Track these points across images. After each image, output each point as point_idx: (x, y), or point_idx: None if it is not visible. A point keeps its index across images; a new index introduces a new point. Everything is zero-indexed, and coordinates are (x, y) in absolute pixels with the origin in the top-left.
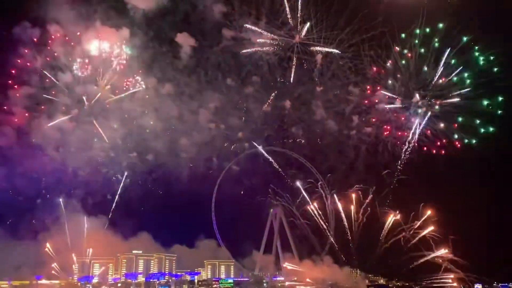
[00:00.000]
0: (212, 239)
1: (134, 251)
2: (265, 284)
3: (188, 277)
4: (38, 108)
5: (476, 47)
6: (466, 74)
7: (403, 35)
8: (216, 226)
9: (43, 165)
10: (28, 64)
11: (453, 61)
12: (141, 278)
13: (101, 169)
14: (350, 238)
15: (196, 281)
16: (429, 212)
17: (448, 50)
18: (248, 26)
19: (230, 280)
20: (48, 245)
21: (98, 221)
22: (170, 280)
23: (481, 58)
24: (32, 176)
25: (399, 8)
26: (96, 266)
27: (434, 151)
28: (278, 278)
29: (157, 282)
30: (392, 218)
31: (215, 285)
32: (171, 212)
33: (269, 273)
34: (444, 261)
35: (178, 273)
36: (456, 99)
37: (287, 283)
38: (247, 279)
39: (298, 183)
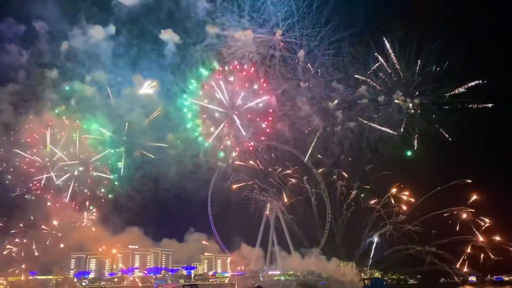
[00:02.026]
0: (201, 233)
1: (130, 246)
2: (261, 278)
3: (185, 272)
4: (25, 105)
5: None
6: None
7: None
8: (212, 221)
9: (31, 161)
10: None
11: None
12: (137, 273)
13: (89, 165)
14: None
15: (192, 275)
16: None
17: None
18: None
19: (227, 274)
20: None
21: (87, 216)
22: (166, 275)
23: None
24: (20, 172)
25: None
26: (92, 262)
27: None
28: (274, 272)
29: (154, 276)
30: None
31: (211, 279)
32: (159, 207)
33: (265, 267)
34: (428, 255)
35: (175, 268)
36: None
37: (283, 278)
38: (243, 273)
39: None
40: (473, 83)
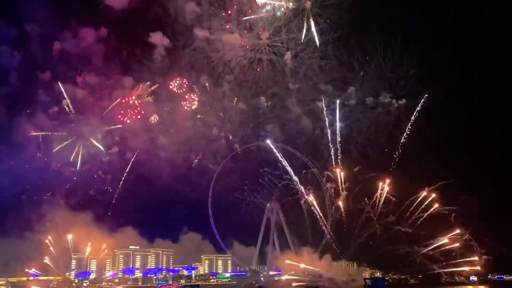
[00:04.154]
0: (195, 232)
1: (131, 246)
2: (262, 278)
3: (186, 272)
4: (18, 107)
5: None
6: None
7: None
8: (213, 222)
9: (26, 164)
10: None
11: None
12: (138, 274)
13: (83, 167)
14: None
15: (193, 276)
16: None
17: None
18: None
19: (228, 275)
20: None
21: (82, 217)
22: (167, 275)
23: None
24: (16, 174)
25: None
26: (93, 262)
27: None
28: (275, 272)
29: (155, 277)
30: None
31: (212, 280)
32: (152, 208)
33: (266, 267)
34: (418, 256)
35: (176, 268)
36: None
37: (283, 278)
38: (244, 273)
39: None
40: None
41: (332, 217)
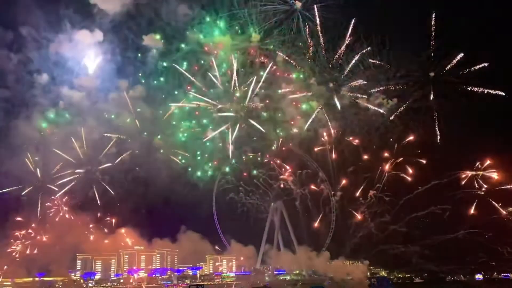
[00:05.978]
0: (194, 232)
1: (136, 247)
2: (266, 278)
3: (190, 272)
4: (15, 110)
5: None
6: None
7: None
8: (217, 222)
9: (24, 166)
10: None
11: None
12: (143, 274)
13: (81, 168)
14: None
15: (198, 275)
16: None
17: None
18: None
19: (232, 274)
20: None
21: (81, 218)
22: (172, 275)
23: None
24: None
25: None
26: (98, 263)
27: None
28: (280, 272)
29: (159, 277)
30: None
31: (217, 280)
32: (150, 209)
33: (270, 267)
34: (414, 255)
35: (180, 268)
36: None
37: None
38: (248, 273)
39: None
40: None
41: (329, 217)
